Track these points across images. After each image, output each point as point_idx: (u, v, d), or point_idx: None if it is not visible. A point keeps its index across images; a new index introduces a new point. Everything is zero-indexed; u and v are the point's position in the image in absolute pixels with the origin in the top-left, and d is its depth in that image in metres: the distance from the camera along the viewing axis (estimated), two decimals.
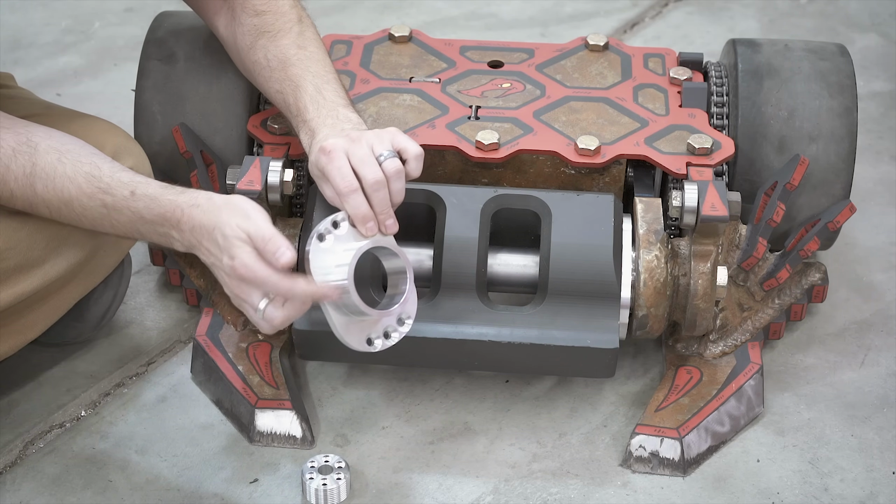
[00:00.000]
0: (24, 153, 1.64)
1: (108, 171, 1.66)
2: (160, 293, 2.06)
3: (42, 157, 1.64)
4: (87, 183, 1.65)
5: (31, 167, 1.64)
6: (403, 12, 2.80)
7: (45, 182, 1.64)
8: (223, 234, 1.60)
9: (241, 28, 1.85)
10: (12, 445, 1.81)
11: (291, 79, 1.80)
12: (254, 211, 1.62)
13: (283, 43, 1.82)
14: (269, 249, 1.59)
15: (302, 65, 1.81)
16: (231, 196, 1.64)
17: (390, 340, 1.69)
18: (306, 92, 1.78)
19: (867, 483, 1.76)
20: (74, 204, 1.65)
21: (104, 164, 1.66)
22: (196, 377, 1.91)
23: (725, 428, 1.82)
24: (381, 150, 1.69)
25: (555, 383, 1.91)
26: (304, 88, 1.78)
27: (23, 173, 1.64)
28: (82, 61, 2.64)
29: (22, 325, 1.75)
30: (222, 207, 1.62)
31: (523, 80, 2.03)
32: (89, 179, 1.65)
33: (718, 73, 2.03)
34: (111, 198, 1.64)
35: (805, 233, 1.93)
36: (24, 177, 1.64)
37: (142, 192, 1.64)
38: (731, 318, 1.90)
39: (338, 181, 1.68)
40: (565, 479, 1.77)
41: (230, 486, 1.75)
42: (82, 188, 1.64)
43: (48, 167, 1.64)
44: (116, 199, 1.64)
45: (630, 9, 2.82)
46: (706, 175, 1.85)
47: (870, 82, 2.56)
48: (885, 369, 1.94)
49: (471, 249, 1.78)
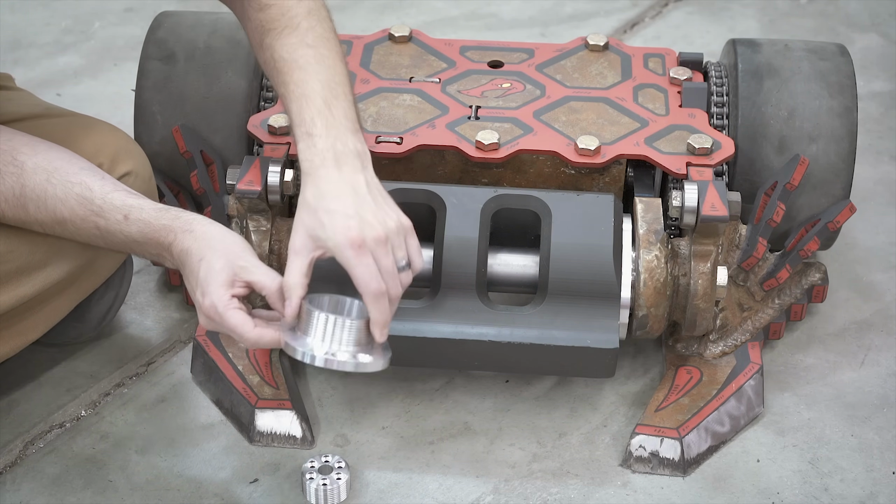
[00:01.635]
0: (12, 174, 1.63)
1: (100, 192, 1.63)
2: (160, 293, 2.06)
3: (30, 178, 1.62)
4: (79, 205, 1.63)
5: (20, 188, 1.63)
6: (403, 12, 2.80)
7: (36, 203, 1.63)
8: (207, 268, 1.58)
9: (249, 24, 1.72)
10: (12, 445, 1.81)
11: (297, 83, 1.65)
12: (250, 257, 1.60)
13: (289, 41, 1.67)
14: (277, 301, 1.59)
15: (310, 69, 1.66)
16: (225, 231, 1.62)
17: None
18: (313, 104, 1.64)
19: (867, 483, 1.76)
20: (68, 224, 1.65)
21: (95, 184, 1.64)
22: (196, 377, 1.91)
23: (725, 428, 1.82)
24: (401, 257, 1.60)
25: (555, 383, 1.91)
26: (311, 99, 1.64)
27: (12, 194, 1.63)
28: (82, 61, 2.64)
29: (23, 327, 1.75)
30: (214, 240, 1.60)
31: (523, 80, 2.03)
32: (81, 202, 1.63)
33: (718, 73, 2.03)
34: (104, 221, 1.63)
35: (805, 233, 1.93)
36: (15, 198, 1.63)
37: (135, 216, 1.62)
38: (731, 318, 1.90)
39: (368, 282, 1.57)
40: (565, 479, 1.77)
41: (230, 486, 1.75)
42: (75, 210, 1.63)
43: (38, 188, 1.62)
44: (109, 223, 1.63)
45: (630, 9, 2.82)
46: (706, 175, 1.85)
47: (870, 82, 2.56)
48: (885, 369, 1.94)
49: (471, 249, 1.78)
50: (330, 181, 1.59)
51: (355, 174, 1.61)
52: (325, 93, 1.64)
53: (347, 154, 1.61)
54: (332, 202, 1.58)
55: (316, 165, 1.60)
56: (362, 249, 1.56)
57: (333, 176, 1.60)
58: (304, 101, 1.64)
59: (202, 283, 1.58)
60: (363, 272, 1.56)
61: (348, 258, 1.56)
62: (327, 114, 1.62)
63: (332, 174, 1.60)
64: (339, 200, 1.58)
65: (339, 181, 1.59)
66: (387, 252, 1.58)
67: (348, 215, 1.57)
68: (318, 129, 1.62)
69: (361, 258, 1.56)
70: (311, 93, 1.64)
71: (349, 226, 1.56)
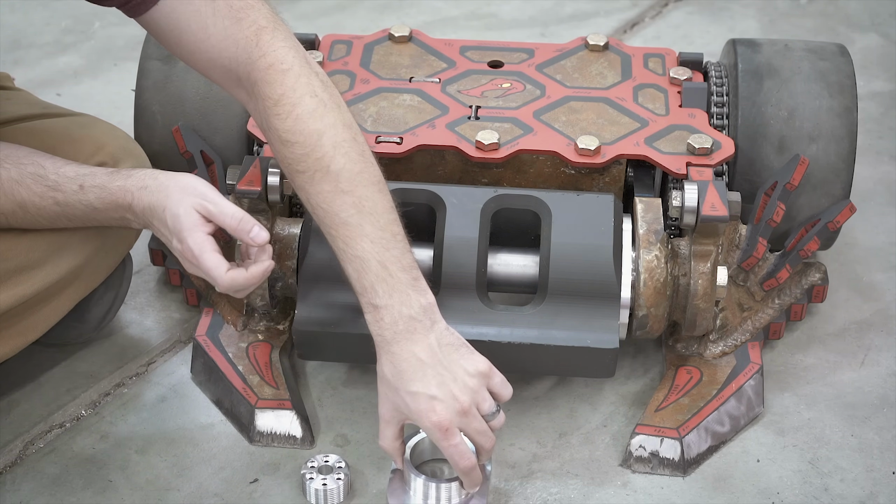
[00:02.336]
0: None
1: (52, 167, 1.65)
2: (160, 293, 2.06)
3: None
4: (34, 184, 1.64)
5: None
6: (403, 12, 2.80)
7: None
8: (173, 214, 1.60)
9: (274, 151, 1.65)
10: (12, 445, 1.81)
11: (346, 242, 1.61)
12: (208, 190, 1.62)
13: (324, 189, 1.61)
14: (243, 229, 1.60)
15: (354, 223, 1.60)
16: (178, 175, 1.64)
17: None
18: (370, 268, 1.60)
19: (867, 483, 1.76)
20: (28, 206, 1.65)
21: (46, 162, 1.66)
22: (196, 377, 1.91)
23: (725, 428, 1.82)
24: (487, 408, 1.63)
25: (555, 383, 1.91)
26: (367, 262, 1.60)
27: None
28: (82, 61, 2.64)
29: (23, 327, 1.75)
30: (171, 188, 1.62)
31: (523, 80, 2.03)
32: (36, 180, 1.64)
33: (718, 73, 2.03)
34: (62, 194, 1.65)
35: (805, 233, 1.93)
36: None
37: (90, 183, 1.65)
38: (731, 318, 1.90)
39: (458, 462, 1.62)
40: (565, 479, 1.77)
41: (230, 486, 1.75)
42: (31, 189, 1.64)
43: None
44: (67, 195, 1.65)
45: (630, 9, 2.82)
46: (706, 175, 1.85)
47: (870, 82, 2.56)
48: (885, 369, 1.94)
49: (471, 249, 1.78)
50: (403, 358, 1.61)
51: (427, 338, 1.61)
52: (377, 251, 1.61)
53: (413, 319, 1.61)
54: (411, 384, 1.61)
55: (388, 340, 1.61)
56: (450, 432, 1.60)
57: (406, 352, 1.61)
58: (359, 265, 1.61)
59: (175, 231, 1.61)
60: (452, 453, 1.62)
61: (438, 440, 1.61)
62: (386, 276, 1.61)
63: (405, 349, 1.61)
64: (417, 382, 1.60)
65: (412, 357, 1.61)
66: (474, 416, 1.62)
67: (431, 396, 1.60)
68: (381, 297, 1.61)
69: (450, 440, 1.61)
70: (364, 254, 1.61)
71: (434, 409, 1.60)
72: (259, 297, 1.85)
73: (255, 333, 1.91)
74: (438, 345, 1.62)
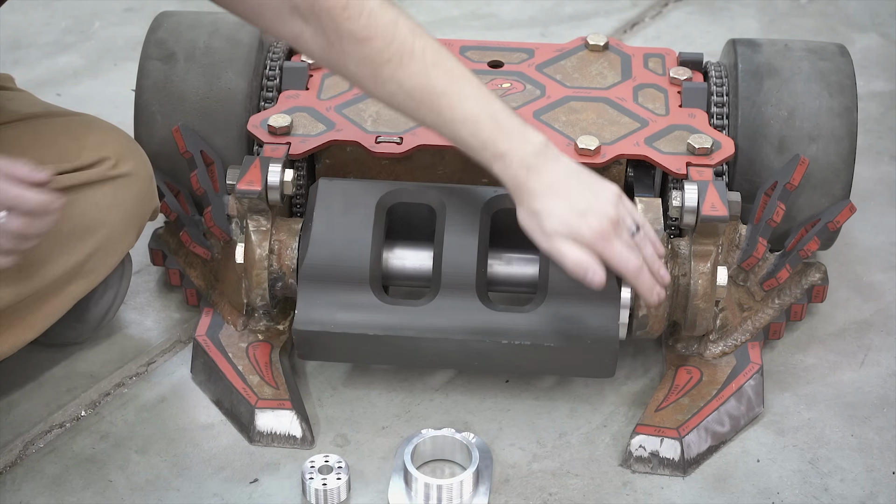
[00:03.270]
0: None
1: None
2: (160, 293, 2.06)
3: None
4: None
5: None
6: None
7: None
8: None
9: (347, 57, 1.66)
10: (12, 445, 1.81)
11: (450, 109, 1.66)
12: None
13: (413, 70, 1.65)
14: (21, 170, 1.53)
15: (453, 92, 1.66)
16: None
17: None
18: (483, 124, 1.66)
19: (867, 483, 1.76)
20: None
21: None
22: (196, 377, 1.91)
23: (725, 428, 1.82)
24: (631, 224, 1.69)
25: (555, 383, 1.91)
26: (479, 120, 1.66)
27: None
28: (82, 61, 2.64)
29: (22, 326, 1.75)
30: None
31: (523, 80, 2.03)
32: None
33: (718, 73, 2.03)
34: None
35: (805, 233, 1.93)
36: None
37: None
38: (731, 318, 1.90)
39: (625, 265, 1.67)
40: (565, 479, 1.77)
41: (230, 486, 1.75)
42: None
43: None
44: None
45: (630, 9, 2.82)
46: (706, 175, 1.85)
47: (870, 82, 2.56)
48: (885, 369, 1.94)
49: (471, 249, 1.78)
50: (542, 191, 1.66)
51: (558, 165, 1.67)
52: (483, 107, 1.67)
53: (539, 154, 1.67)
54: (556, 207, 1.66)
55: (523, 180, 1.66)
56: (609, 239, 1.66)
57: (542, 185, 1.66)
58: (472, 125, 1.66)
59: None
60: (616, 259, 1.67)
61: (601, 249, 1.66)
62: (499, 126, 1.66)
63: (541, 182, 1.66)
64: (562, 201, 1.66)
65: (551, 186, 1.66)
66: (624, 228, 1.68)
67: (582, 211, 1.66)
68: (503, 143, 1.66)
69: (611, 247, 1.66)
70: (473, 114, 1.66)
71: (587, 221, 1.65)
72: (259, 297, 1.85)
73: (255, 333, 1.91)
74: (571, 169, 1.68)
